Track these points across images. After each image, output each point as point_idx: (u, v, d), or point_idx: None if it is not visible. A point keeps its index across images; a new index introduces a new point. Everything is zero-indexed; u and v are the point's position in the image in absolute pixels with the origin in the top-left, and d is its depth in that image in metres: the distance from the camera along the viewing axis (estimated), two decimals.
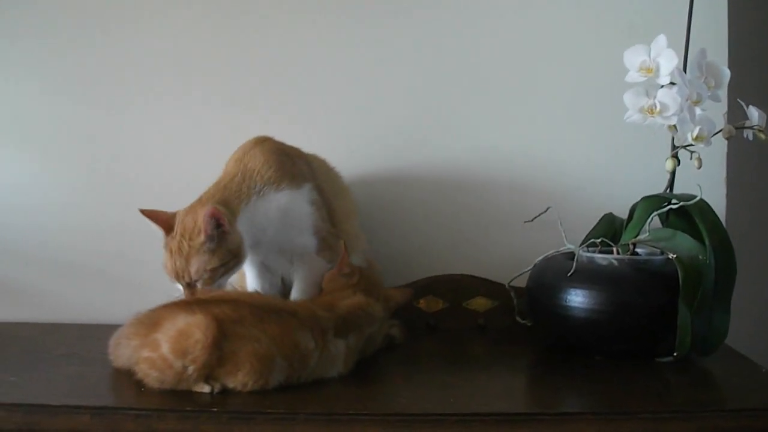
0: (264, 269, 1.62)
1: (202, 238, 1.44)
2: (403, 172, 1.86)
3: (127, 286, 1.84)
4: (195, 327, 1.31)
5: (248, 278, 1.63)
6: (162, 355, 1.32)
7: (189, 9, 1.86)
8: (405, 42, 1.86)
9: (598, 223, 1.71)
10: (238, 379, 1.32)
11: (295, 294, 1.60)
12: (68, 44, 1.86)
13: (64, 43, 1.86)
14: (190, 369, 1.31)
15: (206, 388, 1.31)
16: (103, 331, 1.54)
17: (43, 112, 1.88)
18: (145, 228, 1.84)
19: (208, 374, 1.32)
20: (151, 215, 1.48)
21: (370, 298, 1.54)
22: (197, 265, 1.45)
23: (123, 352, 1.43)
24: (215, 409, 1.26)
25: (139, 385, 1.35)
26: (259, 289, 1.61)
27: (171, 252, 1.46)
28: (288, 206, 1.55)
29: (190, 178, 1.81)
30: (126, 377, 1.39)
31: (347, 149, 1.76)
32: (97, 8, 1.86)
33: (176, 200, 1.46)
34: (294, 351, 1.36)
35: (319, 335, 1.40)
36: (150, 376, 1.34)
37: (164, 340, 1.32)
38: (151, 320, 1.38)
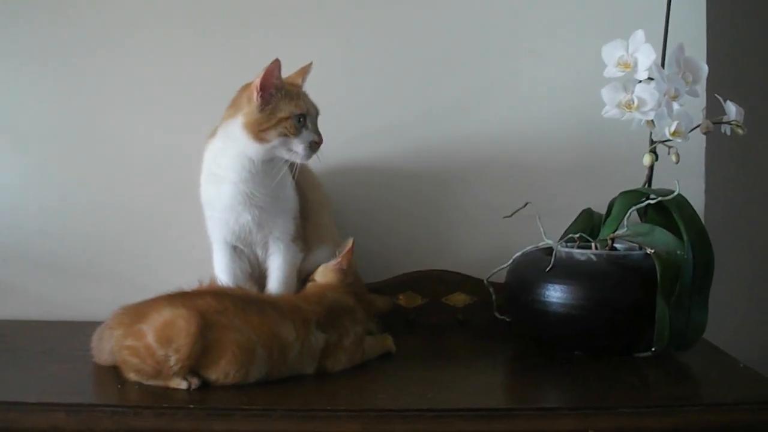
0: (235, 255, 1.60)
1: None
2: (382, 167, 1.86)
3: (108, 283, 1.83)
4: (179, 317, 1.31)
5: (220, 263, 1.61)
6: (146, 344, 1.32)
7: (175, 16, 1.85)
8: (384, 31, 1.86)
9: (576, 219, 1.71)
10: (221, 368, 1.32)
11: (272, 284, 1.60)
12: (63, 49, 1.86)
13: (60, 48, 1.86)
14: (173, 359, 1.30)
15: (183, 385, 1.31)
16: (83, 329, 1.54)
17: (15, 109, 1.87)
18: (127, 224, 1.84)
19: (190, 367, 1.31)
20: None
21: (358, 304, 1.55)
22: None
23: (105, 346, 1.43)
24: (192, 406, 1.24)
25: (116, 382, 1.34)
26: (230, 272, 1.60)
27: None
28: (282, 182, 1.56)
29: (174, 179, 1.81)
30: (105, 374, 1.39)
31: (326, 145, 1.75)
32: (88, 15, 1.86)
33: (162, 199, 1.45)
34: (274, 341, 1.36)
35: (300, 326, 1.40)
36: (129, 363, 1.34)
37: (149, 330, 1.32)
38: (137, 312, 1.38)
